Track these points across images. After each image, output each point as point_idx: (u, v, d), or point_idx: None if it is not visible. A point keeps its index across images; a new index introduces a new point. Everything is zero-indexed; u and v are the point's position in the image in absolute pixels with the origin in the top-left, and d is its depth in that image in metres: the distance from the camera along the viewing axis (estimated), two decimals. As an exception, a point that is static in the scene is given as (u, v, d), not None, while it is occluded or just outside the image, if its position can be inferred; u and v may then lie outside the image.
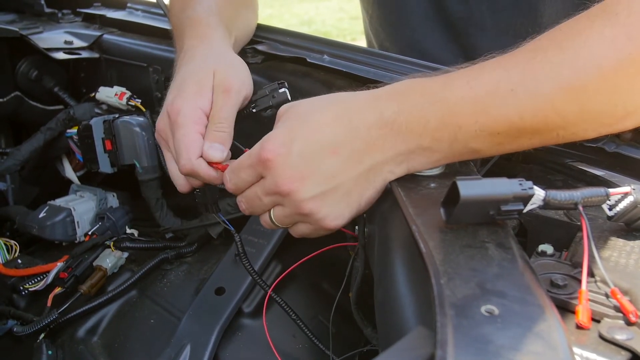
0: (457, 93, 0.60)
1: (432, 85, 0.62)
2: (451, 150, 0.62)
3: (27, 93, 1.22)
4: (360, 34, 1.29)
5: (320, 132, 0.61)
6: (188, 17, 0.89)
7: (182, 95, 0.75)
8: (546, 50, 0.60)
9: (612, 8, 0.59)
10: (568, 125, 0.61)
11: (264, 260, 0.92)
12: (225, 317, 0.87)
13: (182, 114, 0.73)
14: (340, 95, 0.65)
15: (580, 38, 0.59)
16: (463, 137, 0.61)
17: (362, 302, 0.81)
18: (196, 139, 0.72)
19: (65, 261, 0.98)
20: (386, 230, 0.66)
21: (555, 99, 0.59)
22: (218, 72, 0.77)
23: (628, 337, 0.46)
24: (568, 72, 0.58)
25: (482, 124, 0.60)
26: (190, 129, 0.72)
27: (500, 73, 0.60)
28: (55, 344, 0.92)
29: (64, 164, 1.18)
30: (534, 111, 0.59)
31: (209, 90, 0.76)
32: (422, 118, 0.60)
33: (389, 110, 0.61)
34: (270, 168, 0.61)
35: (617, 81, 0.59)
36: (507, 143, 0.62)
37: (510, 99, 0.59)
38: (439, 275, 0.47)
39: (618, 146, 0.73)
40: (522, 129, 0.60)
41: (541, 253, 0.59)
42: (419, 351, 0.43)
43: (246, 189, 0.66)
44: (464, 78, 0.61)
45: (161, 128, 0.77)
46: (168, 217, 1.05)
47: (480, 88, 0.60)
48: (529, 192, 0.53)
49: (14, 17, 1.36)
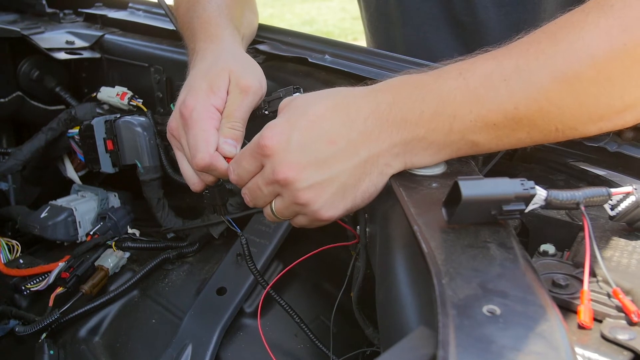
0: (450, 84, 0.61)
1: (425, 78, 0.63)
2: (448, 142, 0.63)
3: (28, 93, 1.22)
4: (361, 33, 1.29)
5: (318, 122, 0.62)
6: (198, 17, 0.89)
7: (194, 93, 0.76)
8: (540, 42, 0.60)
9: (606, 2, 0.59)
10: (565, 118, 0.61)
11: (265, 260, 0.92)
12: (227, 317, 0.87)
13: (196, 110, 0.74)
14: (338, 89, 0.67)
15: (575, 30, 0.59)
16: (459, 127, 0.61)
17: (363, 302, 0.81)
18: (213, 134, 0.73)
19: (66, 261, 0.98)
20: (388, 230, 0.66)
21: (549, 89, 0.59)
22: (234, 72, 0.78)
23: (630, 337, 0.46)
24: (562, 62, 0.58)
25: (476, 114, 0.60)
26: (206, 124, 0.73)
27: (493, 64, 0.60)
28: (56, 343, 0.92)
29: (66, 164, 1.18)
30: (528, 101, 0.59)
31: (221, 88, 0.77)
32: (416, 108, 0.61)
33: (384, 102, 0.62)
34: (269, 156, 0.62)
35: (612, 72, 0.58)
36: (505, 136, 0.62)
37: (503, 89, 0.59)
38: (441, 275, 0.47)
39: (620, 146, 0.73)
40: (518, 120, 0.60)
41: (543, 253, 0.59)
42: (421, 351, 0.43)
43: (249, 180, 0.67)
44: (456, 70, 0.62)
45: (174, 127, 0.77)
46: (169, 217, 1.05)
47: (473, 79, 0.60)
48: (530, 191, 0.53)
49: (16, 17, 1.37)
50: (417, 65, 0.87)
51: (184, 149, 0.76)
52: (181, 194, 1.12)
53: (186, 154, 0.76)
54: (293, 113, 0.64)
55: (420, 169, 0.67)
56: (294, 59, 0.97)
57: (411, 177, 0.66)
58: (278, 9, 6.84)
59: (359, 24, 1.33)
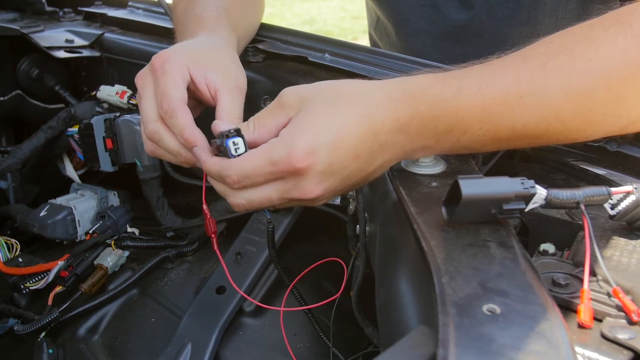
0: (469, 101, 0.60)
1: (445, 91, 0.61)
2: (449, 149, 0.65)
3: (28, 91, 1.22)
4: (361, 33, 1.29)
5: (344, 137, 0.59)
6: (196, 15, 0.87)
7: (170, 49, 0.72)
8: (557, 56, 0.60)
9: (627, 18, 0.59)
10: (569, 132, 0.62)
11: (265, 259, 0.92)
12: (226, 316, 0.87)
13: (169, 62, 0.70)
14: (354, 91, 0.62)
15: (592, 46, 0.59)
16: (465, 140, 0.62)
17: (363, 301, 0.81)
18: (183, 87, 0.69)
19: (66, 260, 0.98)
20: (388, 229, 0.66)
21: (560, 108, 0.59)
22: (228, 66, 0.74)
23: (630, 336, 0.45)
24: (576, 82, 0.59)
25: (486, 130, 0.61)
26: (177, 75, 0.69)
27: (512, 79, 0.60)
28: (56, 342, 0.92)
29: (65, 162, 1.18)
30: (538, 119, 0.60)
31: (203, 62, 0.72)
32: (432, 124, 0.61)
33: (404, 116, 0.60)
34: (301, 175, 0.59)
35: (624, 92, 0.59)
36: (505, 146, 0.65)
37: (517, 107, 0.60)
38: (441, 274, 0.47)
39: (620, 145, 0.73)
40: (523, 135, 0.62)
41: (543, 252, 0.59)
42: (421, 350, 0.43)
43: (254, 191, 0.62)
44: (476, 84, 0.61)
45: (140, 75, 0.73)
46: (169, 216, 1.05)
47: (491, 96, 0.60)
48: (530, 190, 0.53)
49: (15, 16, 1.36)
50: (418, 65, 0.88)
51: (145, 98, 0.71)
52: (181, 193, 1.12)
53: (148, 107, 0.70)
54: (314, 123, 0.59)
55: (420, 168, 0.67)
56: (294, 57, 0.97)
57: (411, 176, 0.66)
58: (278, 9, 6.83)
59: (359, 23, 1.33)
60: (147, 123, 0.69)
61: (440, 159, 0.69)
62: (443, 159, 0.69)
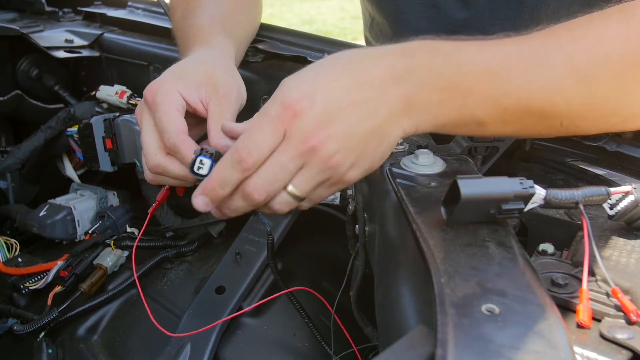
0: (471, 58, 0.60)
1: (445, 46, 0.61)
2: (458, 115, 0.61)
3: (27, 91, 1.22)
4: (361, 33, 1.29)
5: (336, 84, 0.59)
6: (191, 25, 0.88)
7: (160, 79, 0.73)
8: (560, 37, 0.60)
9: (629, 9, 0.60)
10: (572, 114, 0.61)
11: (264, 259, 0.92)
12: (226, 316, 0.87)
13: (159, 94, 0.70)
14: (348, 51, 0.63)
15: (594, 31, 0.60)
16: (471, 102, 0.60)
17: (362, 301, 0.81)
18: (178, 116, 0.69)
19: (65, 260, 0.98)
20: (387, 229, 0.66)
21: (564, 84, 0.59)
22: (215, 76, 0.75)
23: (629, 336, 0.45)
24: (579, 60, 0.59)
25: (490, 93, 0.60)
26: (169, 106, 0.70)
27: (514, 48, 0.60)
28: (55, 342, 0.92)
29: (65, 162, 1.18)
30: (542, 91, 0.60)
31: (192, 79, 0.73)
32: (433, 77, 0.60)
33: (400, 64, 0.60)
34: (298, 115, 0.57)
35: (626, 79, 0.59)
36: (512, 122, 0.62)
37: (521, 74, 0.59)
38: (440, 274, 0.47)
39: (619, 145, 0.74)
40: (528, 108, 0.60)
41: (542, 252, 0.59)
42: (420, 350, 0.43)
43: (265, 164, 0.59)
44: (475, 45, 0.61)
45: (137, 111, 0.74)
46: (168, 216, 1.05)
47: (493, 57, 0.60)
48: (529, 190, 0.53)
49: (15, 16, 1.36)
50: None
51: (145, 132, 0.72)
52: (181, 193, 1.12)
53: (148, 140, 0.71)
54: (306, 76, 0.60)
55: (419, 168, 0.67)
56: (293, 57, 0.97)
57: (410, 176, 0.66)
58: (277, 9, 6.83)
59: (358, 23, 1.33)
60: (149, 157, 0.70)
61: (439, 159, 0.69)
62: (442, 159, 0.69)
